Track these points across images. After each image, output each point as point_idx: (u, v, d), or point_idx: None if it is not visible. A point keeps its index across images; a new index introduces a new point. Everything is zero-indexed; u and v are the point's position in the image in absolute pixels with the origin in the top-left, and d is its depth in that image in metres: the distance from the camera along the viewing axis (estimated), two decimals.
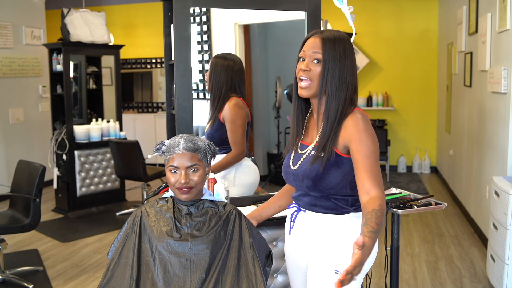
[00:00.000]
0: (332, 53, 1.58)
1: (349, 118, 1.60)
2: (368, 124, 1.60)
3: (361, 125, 1.58)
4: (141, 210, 1.81)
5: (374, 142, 1.58)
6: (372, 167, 1.53)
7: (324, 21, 5.09)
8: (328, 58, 1.58)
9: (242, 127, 2.59)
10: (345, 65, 1.59)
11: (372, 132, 1.60)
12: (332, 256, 1.65)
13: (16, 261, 3.92)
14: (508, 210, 2.93)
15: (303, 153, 1.68)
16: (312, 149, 1.65)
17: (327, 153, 1.59)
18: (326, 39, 1.59)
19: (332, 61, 1.58)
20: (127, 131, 7.39)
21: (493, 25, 3.91)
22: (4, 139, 5.97)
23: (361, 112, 1.62)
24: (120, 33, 7.98)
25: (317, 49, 1.59)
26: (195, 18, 2.84)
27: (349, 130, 1.58)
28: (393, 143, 7.42)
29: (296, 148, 1.73)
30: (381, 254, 3.87)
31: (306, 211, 1.73)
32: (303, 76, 1.62)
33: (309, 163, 1.63)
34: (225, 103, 2.57)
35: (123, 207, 5.56)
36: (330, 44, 1.58)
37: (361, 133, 1.57)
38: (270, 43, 3.21)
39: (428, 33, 7.22)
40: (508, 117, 3.50)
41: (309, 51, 1.60)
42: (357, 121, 1.58)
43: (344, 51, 1.59)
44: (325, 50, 1.58)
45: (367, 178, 1.52)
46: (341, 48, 1.59)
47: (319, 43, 1.59)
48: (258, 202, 2.45)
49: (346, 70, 1.59)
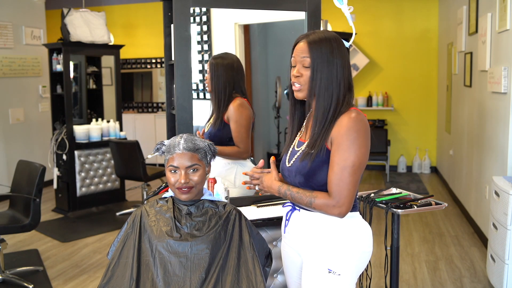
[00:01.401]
0: (319, 55, 1.60)
1: (342, 116, 1.59)
2: (360, 126, 1.56)
3: (349, 127, 1.55)
4: (141, 210, 1.81)
5: (357, 151, 1.55)
6: (342, 179, 1.56)
7: (324, 21, 5.09)
8: (315, 61, 1.60)
9: (247, 127, 2.59)
10: (333, 64, 1.60)
11: (361, 137, 1.56)
12: (326, 255, 1.67)
13: (16, 261, 3.92)
14: (508, 210, 2.93)
15: (298, 150, 1.70)
16: (306, 146, 1.67)
17: (316, 150, 1.61)
18: (312, 42, 1.61)
19: (320, 63, 1.60)
20: (127, 131, 7.39)
21: (493, 25, 3.91)
22: (4, 139, 5.97)
23: (357, 111, 1.60)
24: (120, 33, 7.98)
25: (304, 53, 1.62)
26: (195, 18, 2.84)
27: (337, 130, 1.58)
28: (393, 143, 7.42)
29: (294, 145, 1.75)
30: (381, 254, 3.88)
31: (300, 210, 1.74)
32: (296, 82, 1.66)
33: (299, 160, 1.65)
34: (230, 103, 2.58)
35: (123, 207, 5.56)
36: (316, 46, 1.60)
37: (344, 138, 1.55)
38: (270, 43, 3.21)
39: (428, 33, 7.22)
40: (508, 117, 3.50)
41: (298, 56, 1.64)
42: (347, 122, 1.57)
43: (332, 51, 1.60)
44: (312, 53, 1.60)
45: (331, 185, 1.57)
46: (328, 48, 1.60)
47: (306, 48, 1.62)
48: (258, 202, 2.45)
49: (335, 70, 1.60)
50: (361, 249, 1.68)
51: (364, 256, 1.70)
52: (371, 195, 2.57)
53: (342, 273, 1.65)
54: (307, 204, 1.61)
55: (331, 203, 1.57)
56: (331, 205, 1.57)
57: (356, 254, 1.67)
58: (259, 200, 2.47)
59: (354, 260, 1.67)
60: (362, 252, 1.69)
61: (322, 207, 1.58)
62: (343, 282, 1.65)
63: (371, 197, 2.52)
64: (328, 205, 1.57)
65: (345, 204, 1.57)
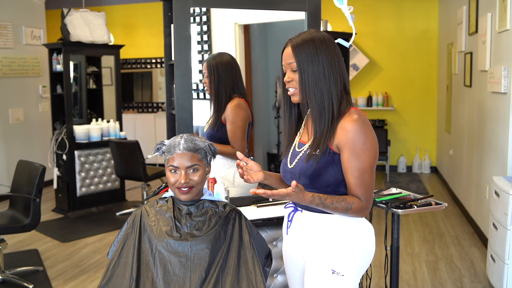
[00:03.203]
0: (303, 56, 1.61)
1: (345, 119, 1.59)
2: (366, 127, 1.58)
3: (355, 130, 1.57)
4: (141, 210, 1.81)
5: (370, 151, 1.58)
6: (365, 181, 1.60)
7: (324, 21, 5.09)
8: (300, 63, 1.62)
9: (242, 128, 2.59)
10: (319, 62, 1.60)
11: (369, 137, 1.58)
12: (329, 256, 1.66)
13: (16, 261, 3.92)
14: (508, 210, 2.93)
15: (300, 151, 1.70)
16: (308, 147, 1.67)
17: (321, 151, 1.61)
18: (295, 46, 1.63)
19: (306, 64, 1.61)
20: (127, 131, 7.39)
21: (493, 25, 3.91)
22: (4, 139, 5.97)
23: (357, 112, 1.61)
24: (120, 33, 7.98)
25: (290, 59, 1.64)
26: (195, 18, 2.84)
27: (344, 134, 1.58)
28: (393, 143, 7.42)
29: (294, 147, 1.74)
30: (381, 254, 3.87)
31: (303, 210, 1.74)
32: (289, 87, 1.68)
33: (304, 161, 1.64)
34: (228, 104, 2.57)
35: (123, 207, 5.56)
36: (299, 49, 1.62)
37: (355, 142, 1.57)
38: (270, 43, 3.21)
39: (428, 33, 7.22)
40: (508, 117, 3.50)
41: (285, 62, 1.67)
42: (352, 125, 1.57)
43: (315, 49, 1.60)
44: (296, 57, 1.62)
45: (358, 189, 1.60)
46: (311, 48, 1.61)
47: (291, 52, 1.64)
48: (258, 202, 2.45)
49: (322, 67, 1.61)
50: (364, 249, 1.68)
51: (367, 256, 1.70)
52: None
53: (346, 273, 1.65)
54: (344, 212, 1.61)
55: (364, 206, 1.60)
56: (364, 208, 1.61)
57: (360, 254, 1.67)
58: (259, 200, 2.47)
59: (357, 260, 1.67)
60: (366, 252, 1.69)
61: (358, 213, 1.61)
62: (346, 283, 1.65)
63: None
64: (362, 208, 1.60)
65: (371, 204, 1.63)
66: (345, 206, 1.58)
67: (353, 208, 1.59)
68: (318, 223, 1.69)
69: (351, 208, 1.59)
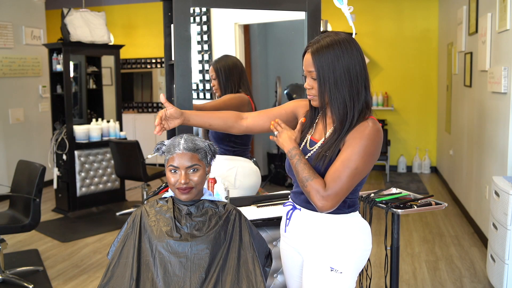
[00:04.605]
0: (324, 65, 1.59)
1: (361, 124, 1.60)
2: (375, 136, 1.58)
3: (364, 134, 1.57)
4: (141, 210, 1.81)
5: (365, 157, 1.57)
6: (341, 177, 1.55)
7: (324, 21, 5.09)
8: (320, 73, 1.60)
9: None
10: (340, 69, 1.58)
11: (373, 146, 1.58)
12: (328, 253, 1.68)
13: (16, 261, 3.92)
14: (508, 210, 2.93)
15: (311, 149, 1.70)
16: (320, 147, 1.67)
17: (331, 153, 1.61)
18: (315, 52, 1.61)
19: (326, 74, 1.59)
20: (127, 131, 7.39)
21: (493, 25, 3.91)
22: (4, 139, 5.97)
23: (374, 121, 1.61)
24: (120, 33, 7.98)
25: (310, 67, 1.63)
26: (195, 18, 2.84)
27: (353, 134, 1.59)
28: (393, 143, 7.42)
29: (305, 144, 1.74)
30: (381, 254, 3.88)
31: (301, 209, 1.75)
32: (309, 93, 1.68)
33: (314, 160, 1.65)
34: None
35: (123, 207, 5.56)
36: (318, 56, 1.60)
37: (357, 141, 1.57)
38: (270, 43, 3.21)
39: (428, 33, 7.22)
40: (508, 117, 3.50)
41: (306, 69, 1.66)
42: (364, 129, 1.58)
43: (336, 56, 1.58)
44: (316, 65, 1.60)
45: (329, 178, 1.56)
46: (331, 55, 1.58)
47: (310, 60, 1.62)
48: (258, 202, 2.45)
49: (343, 74, 1.59)
50: (362, 247, 1.71)
51: (364, 254, 1.72)
52: (371, 195, 2.57)
53: (344, 271, 1.67)
54: (303, 179, 1.58)
55: (321, 193, 1.54)
56: (321, 194, 1.54)
57: (357, 252, 1.69)
58: (259, 200, 2.47)
59: (355, 258, 1.69)
60: (363, 250, 1.71)
61: (313, 191, 1.55)
62: (345, 280, 1.67)
63: (371, 197, 2.52)
64: (318, 192, 1.54)
65: (331, 201, 1.55)
66: (308, 176, 1.57)
67: (311, 183, 1.55)
68: (317, 221, 1.70)
69: (310, 181, 1.55)
